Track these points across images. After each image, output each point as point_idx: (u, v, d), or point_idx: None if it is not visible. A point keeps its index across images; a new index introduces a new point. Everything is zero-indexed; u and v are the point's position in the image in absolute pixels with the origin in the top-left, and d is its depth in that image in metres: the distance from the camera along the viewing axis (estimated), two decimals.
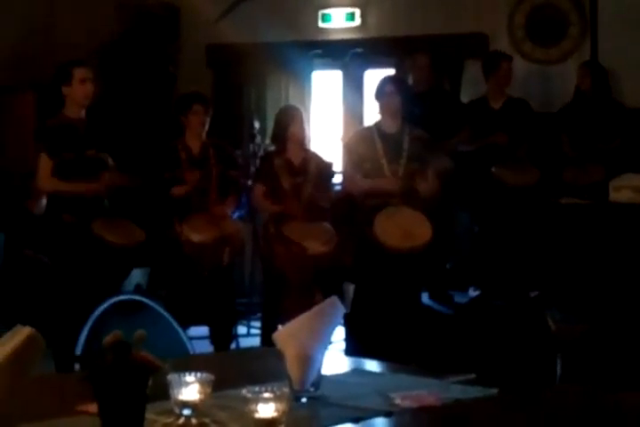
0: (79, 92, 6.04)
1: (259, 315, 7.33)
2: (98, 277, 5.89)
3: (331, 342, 2.88)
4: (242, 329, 7.70)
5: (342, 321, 6.03)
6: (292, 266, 6.53)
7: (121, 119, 8.16)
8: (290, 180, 6.73)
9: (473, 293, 7.66)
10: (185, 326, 3.81)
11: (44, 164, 6.02)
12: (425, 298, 7.25)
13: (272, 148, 7.18)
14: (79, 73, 6.05)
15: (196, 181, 6.55)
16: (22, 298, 7.21)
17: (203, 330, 6.63)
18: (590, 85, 7.59)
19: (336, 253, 6.62)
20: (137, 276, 7.64)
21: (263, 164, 6.99)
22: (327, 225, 6.72)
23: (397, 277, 6.32)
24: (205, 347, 6.35)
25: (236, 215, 7.38)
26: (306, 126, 6.90)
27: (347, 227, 6.77)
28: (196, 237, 6.43)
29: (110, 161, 6.22)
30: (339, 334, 6.42)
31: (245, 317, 7.98)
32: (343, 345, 6.58)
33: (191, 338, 3.76)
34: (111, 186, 6.15)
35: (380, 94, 6.54)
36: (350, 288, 6.86)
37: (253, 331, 7.82)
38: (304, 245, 6.48)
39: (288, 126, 6.76)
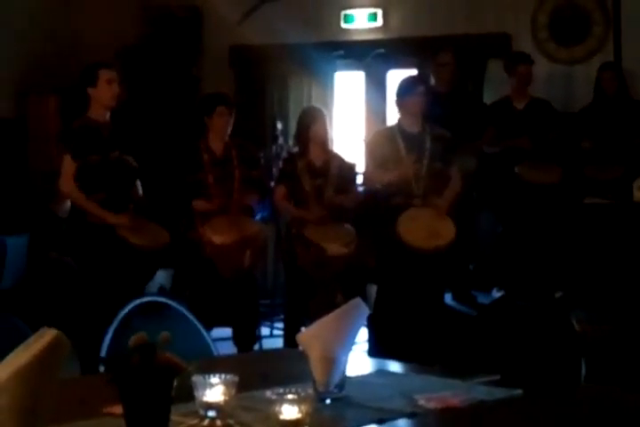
0: (105, 93, 6.04)
1: (282, 316, 7.33)
2: (122, 279, 5.90)
3: (354, 344, 2.88)
4: (265, 330, 7.70)
5: (365, 322, 6.03)
6: (313, 267, 6.54)
7: (144, 121, 8.19)
8: (311, 181, 6.73)
9: (496, 293, 7.64)
10: (208, 328, 3.82)
11: (68, 165, 6.03)
12: (448, 299, 7.25)
13: (295, 149, 7.19)
14: (105, 74, 6.05)
15: (221, 204, 6.54)
16: (47, 300, 7.24)
17: (226, 331, 6.63)
18: (616, 87, 7.55)
19: (357, 254, 6.61)
20: (160, 277, 7.66)
21: (286, 165, 6.98)
22: (348, 226, 6.72)
23: (420, 278, 6.31)
24: (229, 348, 6.36)
25: (258, 217, 7.39)
26: (328, 127, 6.90)
27: (370, 227, 6.77)
28: (217, 239, 6.42)
29: (134, 163, 6.23)
30: (361, 335, 6.41)
31: (268, 318, 7.98)
32: (366, 346, 6.57)
33: (214, 339, 3.77)
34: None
35: (409, 94, 6.47)
36: (373, 289, 6.86)
37: (276, 332, 7.82)
38: (324, 246, 6.48)
39: (310, 127, 6.76)
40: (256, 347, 6.82)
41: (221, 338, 6.28)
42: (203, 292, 6.49)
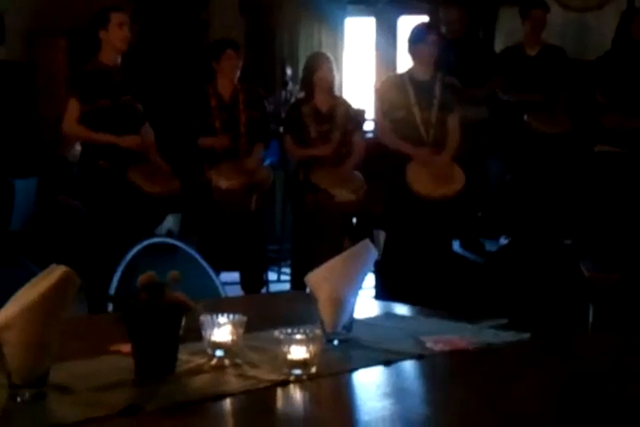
0: (116, 36, 6.00)
1: (289, 261, 7.35)
2: (131, 223, 5.90)
3: (361, 288, 2.87)
4: (272, 275, 7.73)
5: (373, 268, 6.04)
6: (321, 213, 6.54)
7: (154, 66, 8.14)
8: (317, 127, 6.71)
9: (504, 241, 7.64)
10: (216, 272, 3.82)
11: (73, 108, 5.99)
12: (456, 246, 7.25)
13: (301, 95, 7.15)
14: (117, 17, 6.01)
15: (223, 146, 6.54)
16: (55, 243, 7.25)
17: (234, 276, 6.66)
18: None
19: (365, 200, 6.60)
20: (169, 222, 7.67)
21: (291, 112, 6.96)
22: (357, 173, 6.70)
23: (429, 225, 6.31)
24: (236, 292, 6.38)
25: (267, 162, 7.37)
26: (334, 73, 6.85)
27: (378, 175, 6.75)
28: (224, 184, 6.43)
29: (140, 108, 6.19)
30: (369, 280, 6.42)
31: (276, 263, 8.01)
32: (373, 292, 6.59)
33: (222, 284, 3.77)
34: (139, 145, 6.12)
35: (420, 42, 6.43)
36: (381, 235, 6.86)
37: (284, 277, 7.86)
38: (332, 192, 6.48)
39: (315, 73, 6.73)
40: (263, 291, 6.85)
41: (229, 282, 6.30)
42: (211, 236, 6.51)
